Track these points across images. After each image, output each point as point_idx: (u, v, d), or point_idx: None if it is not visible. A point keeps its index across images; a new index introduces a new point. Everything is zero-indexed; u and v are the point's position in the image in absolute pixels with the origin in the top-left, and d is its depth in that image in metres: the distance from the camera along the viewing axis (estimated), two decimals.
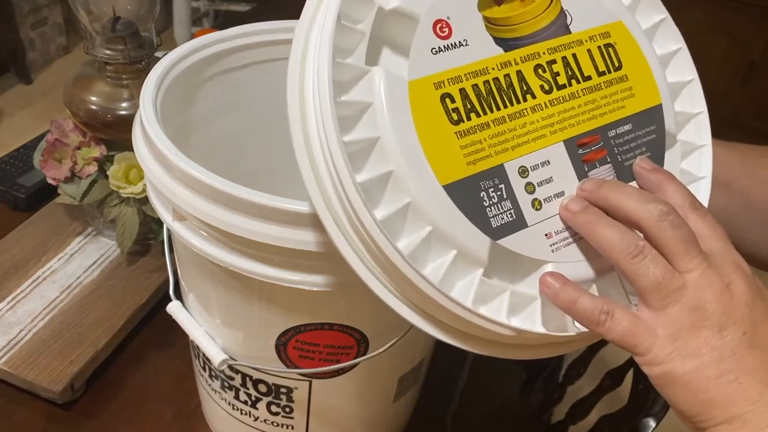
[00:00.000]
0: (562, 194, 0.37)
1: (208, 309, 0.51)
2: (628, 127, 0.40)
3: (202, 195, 0.41)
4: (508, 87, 0.37)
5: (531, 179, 0.36)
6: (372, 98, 0.34)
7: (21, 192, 0.82)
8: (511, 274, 0.36)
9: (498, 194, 0.35)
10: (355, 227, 0.33)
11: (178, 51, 0.53)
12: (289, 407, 0.54)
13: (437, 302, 0.33)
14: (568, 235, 0.37)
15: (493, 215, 0.35)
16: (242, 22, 0.58)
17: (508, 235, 0.35)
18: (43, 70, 2.43)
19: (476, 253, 0.34)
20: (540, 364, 0.84)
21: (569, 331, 0.35)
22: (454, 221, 0.34)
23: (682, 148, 0.42)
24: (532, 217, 0.36)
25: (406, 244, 0.33)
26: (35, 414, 0.64)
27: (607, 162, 0.39)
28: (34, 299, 0.70)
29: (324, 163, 0.33)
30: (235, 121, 0.61)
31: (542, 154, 0.37)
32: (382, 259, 0.33)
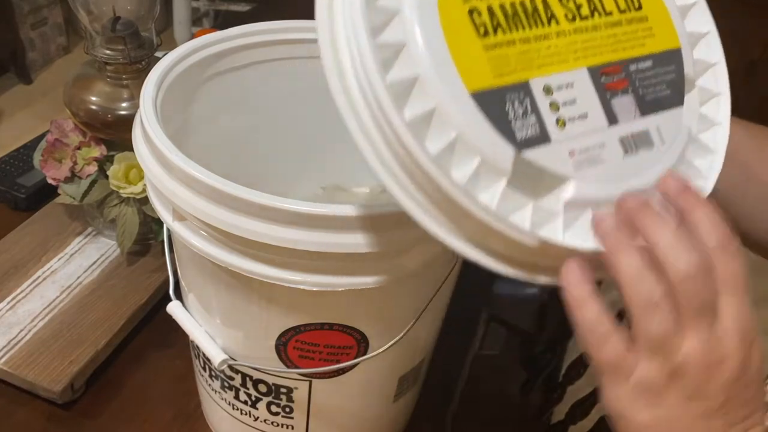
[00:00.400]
0: (586, 116, 0.37)
1: (208, 309, 0.51)
2: (648, 64, 0.41)
3: (202, 195, 0.41)
4: (533, 11, 0.37)
5: (555, 98, 0.37)
6: (401, 5, 0.34)
7: (21, 192, 0.82)
8: (533, 189, 0.35)
9: (523, 108, 0.35)
10: (382, 129, 0.33)
11: (178, 51, 0.53)
12: (289, 407, 0.54)
13: (462, 207, 0.33)
14: (592, 155, 0.37)
15: (518, 127, 0.35)
16: (242, 22, 0.58)
17: (532, 148, 0.35)
18: (43, 70, 2.43)
19: (500, 163, 0.34)
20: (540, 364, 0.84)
21: (588, 246, 0.35)
22: (480, 129, 0.34)
23: (700, 94, 0.43)
24: (556, 134, 0.36)
25: (433, 147, 0.33)
26: (35, 414, 0.64)
27: (628, 92, 0.39)
28: (34, 299, 0.70)
29: (350, 63, 0.33)
30: (235, 121, 0.61)
31: (566, 76, 0.37)
32: (408, 162, 0.33)
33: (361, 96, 0.33)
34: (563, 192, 0.36)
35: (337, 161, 0.67)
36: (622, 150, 0.38)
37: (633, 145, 0.39)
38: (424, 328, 0.54)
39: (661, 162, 0.39)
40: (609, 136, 0.38)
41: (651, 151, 0.39)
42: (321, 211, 0.40)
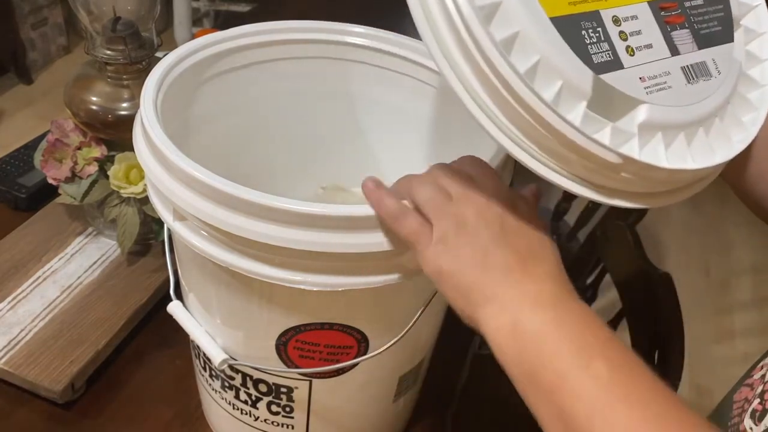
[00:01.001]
0: (651, 46, 0.40)
1: (209, 309, 0.51)
2: (701, 1, 0.44)
3: (202, 195, 0.41)
4: None
5: (623, 28, 0.39)
6: None
7: (21, 192, 0.82)
8: (610, 111, 0.37)
9: (597, 35, 0.38)
10: (467, 50, 0.35)
11: (179, 51, 0.53)
12: (289, 407, 0.54)
13: (549, 124, 0.35)
14: (660, 81, 0.39)
15: (595, 53, 0.37)
16: (242, 22, 0.58)
17: (609, 72, 0.37)
18: (44, 70, 2.43)
19: (581, 85, 0.36)
20: None
21: (661, 164, 0.37)
22: (561, 52, 0.36)
23: (745, 33, 0.46)
24: (627, 60, 0.38)
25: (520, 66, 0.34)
26: (36, 414, 0.64)
27: (685, 27, 0.42)
28: (34, 299, 0.70)
29: None
30: (235, 121, 0.61)
31: (631, 9, 0.40)
32: (493, 82, 0.35)
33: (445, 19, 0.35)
34: (637, 115, 0.38)
35: (337, 161, 0.67)
36: (685, 78, 0.41)
37: (694, 74, 0.41)
38: (424, 328, 0.54)
39: (719, 89, 0.42)
40: (673, 65, 0.41)
41: (710, 80, 0.42)
42: (321, 211, 0.40)
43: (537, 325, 0.37)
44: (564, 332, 0.37)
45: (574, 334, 0.37)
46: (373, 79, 0.61)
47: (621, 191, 0.39)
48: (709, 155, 0.40)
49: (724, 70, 0.43)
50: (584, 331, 0.37)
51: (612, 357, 0.36)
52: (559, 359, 0.36)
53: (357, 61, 0.61)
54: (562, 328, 0.37)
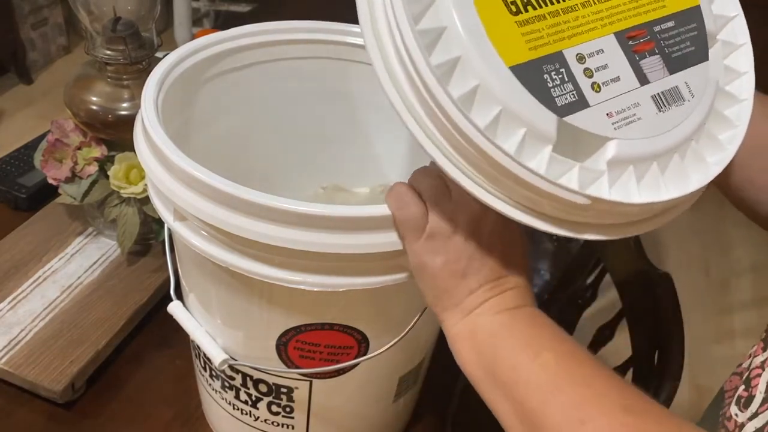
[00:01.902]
0: (618, 79, 0.39)
1: (209, 309, 0.51)
2: (671, 24, 0.43)
3: (202, 195, 0.41)
4: None
5: (588, 65, 0.39)
6: None
7: (22, 192, 0.82)
8: (577, 152, 0.37)
9: (560, 77, 0.37)
10: (429, 110, 0.35)
11: (179, 51, 0.53)
12: (289, 407, 0.54)
13: (514, 174, 0.35)
14: (629, 114, 0.39)
15: (558, 95, 0.37)
16: (242, 22, 0.58)
17: (573, 113, 0.37)
18: (44, 70, 2.43)
19: (545, 130, 0.36)
20: None
21: (633, 200, 0.38)
22: (522, 100, 0.36)
23: (723, 47, 0.45)
24: (593, 98, 0.38)
25: (480, 122, 0.35)
26: (36, 414, 0.64)
27: (655, 53, 0.42)
28: (34, 299, 0.70)
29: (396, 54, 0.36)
30: (235, 121, 0.61)
31: (596, 43, 0.40)
32: (457, 138, 0.35)
33: (407, 79, 0.35)
34: (605, 152, 0.38)
35: (337, 161, 0.67)
36: (656, 107, 0.40)
37: (665, 101, 0.41)
38: (424, 328, 0.54)
39: (693, 114, 0.41)
40: (642, 95, 0.40)
41: (683, 105, 0.41)
42: (321, 211, 0.40)
43: (493, 327, 0.40)
44: (516, 331, 0.40)
45: (525, 332, 0.40)
46: (372, 79, 0.61)
47: (593, 224, 0.39)
48: (684, 182, 0.40)
49: (698, 92, 0.42)
50: (533, 328, 0.41)
51: (558, 348, 0.39)
52: (512, 354, 0.39)
53: (357, 61, 0.61)
54: (514, 328, 0.40)
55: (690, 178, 0.40)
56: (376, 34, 0.37)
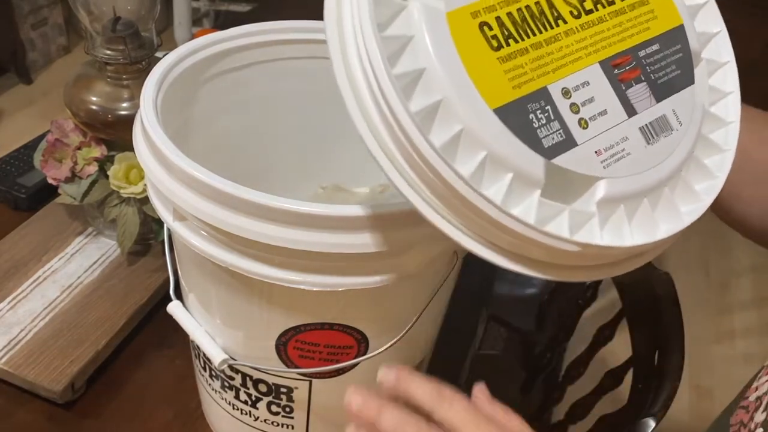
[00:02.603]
0: (605, 112, 0.38)
1: (209, 309, 0.51)
2: (656, 47, 0.41)
3: (202, 195, 0.41)
4: (540, 13, 0.38)
5: (574, 100, 0.37)
6: (412, 31, 0.34)
7: (21, 192, 0.82)
8: (566, 194, 0.36)
9: (546, 115, 0.36)
10: (410, 159, 0.33)
11: (179, 51, 0.53)
12: (289, 407, 0.54)
13: (501, 224, 0.34)
14: (618, 150, 0.38)
15: (544, 135, 0.35)
16: (242, 22, 0.58)
17: (561, 154, 0.36)
18: (44, 70, 2.42)
19: (532, 174, 0.34)
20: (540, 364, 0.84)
21: (626, 243, 0.36)
22: (508, 143, 0.34)
23: (707, 66, 0.44)
24: (580, 135, 0.37)
25: (465, 170, 0.33)
26: (35, 414, 0.64)
27: (641, 81, 0.40)
28: (34, 299, 0.70)
29: (372, 100, 0.34)
30: (235, 121, 0.61)
31: (581, 75, 0.38)
32: (440, 188, 0.33)
33: (385, 129, 0.34)
34: (595, 192, 0.36)
35: (337, 161, 0.67)
36: (644, 140, 0.39)
37: (653, 133, 0.39)
38: (424, 328, 0.54)
39: (681, 143, 0.40)
40: (630, 127, 0.39)
41: (671, 135, 0.40)
42: (321, 211, 0.40)
43: None
44: None
45: None
46: None
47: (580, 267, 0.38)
48: (675, 217, 0.39)
49: (685, 120, 0.41)
50: None
51: None
52: None
53: None
54: None
55: (680, 210, 0.39)
56: (351, 78, 0.34)
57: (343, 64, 0.34)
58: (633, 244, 0.36)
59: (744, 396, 0.49)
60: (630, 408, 0.68)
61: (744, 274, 1.93)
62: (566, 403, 0.80)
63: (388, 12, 0.34)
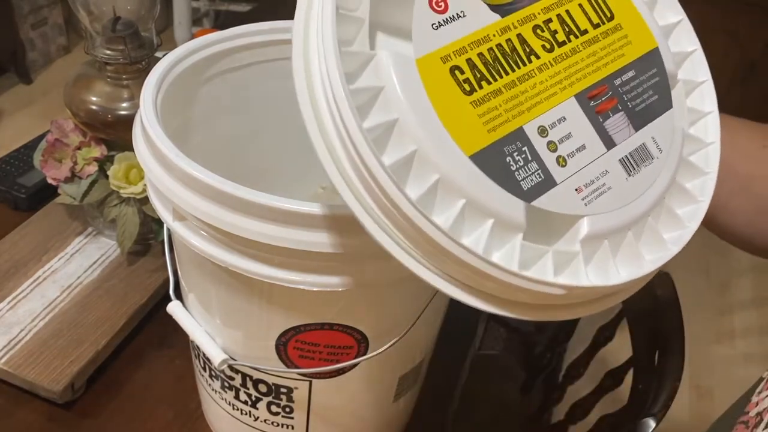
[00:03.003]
0: (584, 147, 0.37)
1: (208, 309, 0.51)
2: (631, 74, 0.41)
3: (202, 195, 0.41)
4: (511, 51, 0.37)
5: (551, 137, 0.36)
6: (382, 82, 0.33)
7: (21, 192, 0.82)
8: (548, 235, 0.35)
9: (523, 157, 0.35)
10: (387, 211, 0.33)
11: (179, 51, 0.53)
12: (289, 407, 0.54)
13: (483, 272, 0.33)
14: (597, 186, 0.37)
15: (523, 178, 0.35)
16: (242, 22, 0.58)
17: (541, 196, 0.35)
18: (44, 70, 2.43)
19: (513, 219, 0.34)
20: (540, 364, 0.84)
21: (612, 281, 0.36)
22: (487, 190, 0.34)
23: (684, 86, 0.43)
24: (559, 174, 0.36)
25: (443, 221, 0.33)
26: (35, 414, 0.64)
27: (619, 110, 0.39)
28: (34, 299, 0.70)
29: (345, 153, 0.33)
30: (235, 121, 0.61)
31: (557, 111, 0.37)
32: (419, 239, 0.33)
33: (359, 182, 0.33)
34: (579, 231, 0.36)
35: None
36: (625, 172, 0.38)
37: (634, 164, 0.39)
38: (424, 328, 0.54)
39: (663, 171, 0.39)
40: (609, 160, 0.38)
41: (651, 164, 0.39)
42: (321, 211, 0.40)
43: None
44: None
45: None
46: None
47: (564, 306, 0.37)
48: (660, 247, 0.38)
49: (665, 146, 0.40)
50: None
51: None
52: None
53: None
54: None
55: (664, 239, 0.39)
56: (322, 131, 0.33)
57: (314, 115, 0.34)
58: (618, 282, 0.36)
59: (744, 411, 0.49)
60: (630, 408, 0.68)
61: (744, 274, 1.94)
62: (566, 403, 0.80)
63: (355, 62, 0.33)
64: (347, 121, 0.32)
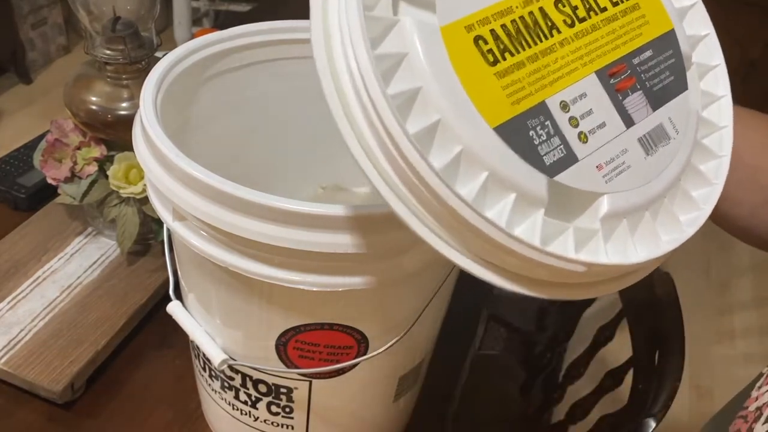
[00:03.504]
0: (604, 125, 0.37)
1: (208, 309, 0.51)
2: (649, 54, 0.41)
3: (202, 195, 0.41)
4: (534, 24, 0.37)
5: (573, 113, 0.36)
6: (406, 48, 0.33)
7: (21, 192, 0.82)
8: (569, 211, 0.35)
9: (546, 131, 0.35)
10: (408, 181, 0.32)
11: (179, 51, 0.53)
12: (289, 407, 0.54)
13: (505, 246, 0.33)
14: (618, 163, 0.37)
15: (545, 153, 0.34)
16: (242, 22, 0.58)
17: (563, 171, 0.35)
18: (43, 70, 2.43)
19: (536, 193, 0.34)
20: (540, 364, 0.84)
21: (630, 260, 0.36)
22: (510, 163, 0.33)
23: (698, 69, 0.43)
24: (581, 150, 0.36)
25: (467, 192, 0.32)
26: (35, 414, 0.64)
27: (637, 89, 0.39)
28: (34, 299, 0.70)
29: (366, 121, 0.32)
30: (235, 120, 0.61)
31: (578, 87, 0.37)
32: (441, 211, 0.32)
33: (381, 151, 0.32)
34: (599, 209, 0.36)
35: (337, 161, 0.67)
36: (643, 151, 0.38)
37: (652, 143, 0.39)
38: (424, 328, 0.54)
39: (679, 152, 0.40)
40: (629, 139, 0.38)
41: (668, 144, 0.39)
42: (321, 211, 0.40)
43: None
44: None
45: None
46: None
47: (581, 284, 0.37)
48: (676, 227, 0.38)
49: (681, 127, 0.40)
50: None
51: None
52: None
53: None
54: None
55: (680, 221, 0.39)
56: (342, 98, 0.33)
57: (333, 83, 0.33)
58: (637, 261, 0.36)
59: (743, 405, 0.49)
60: (630, 408, 0.68)
61: (744, 274, 1.94)
62: (566, 403, 0.80)
63: (379, 27, 0.33)
64: (370, 87, 0.31)
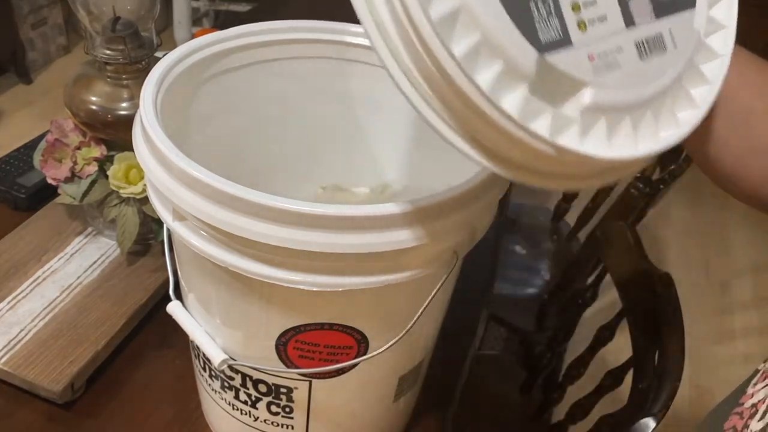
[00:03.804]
0: (605, 18, 0.37)
1: (208, 309, 0.51)
2: None
3: (202, 195, 0.41)
4: None
5: None
6: None
7: (21, 192, 0.82)
8: (552, 95, 0.35)
9: (547, 9, 0.35)
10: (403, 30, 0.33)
11: (179, 51, 0.53)
12: (289, 407, 0.54)
13: (483, 113, 0.33)
14: (609, 60, 0.37)
15: (542, 29, 0.34)
16: (242, 22, 0.58)
17: (554, 52, 0.35)
18: (43, 70, 2.43)
19: (523, 66, 0.34)
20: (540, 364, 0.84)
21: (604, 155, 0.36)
22: (505, 29, 0.33)
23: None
24: (577, 37, 0.36)
25: (459, 50, 0.33)
26: (35, 414, 0.64)
27: None
28: (34, 299, 0.70)
29: None
30: (235, 120, 0.61)
31: None
32: (429, 67, 0.33)
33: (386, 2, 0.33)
34: (581, 98, 0.36)
35: (337, 161, 0.67)
36: (638, 55, 0.38)
37: (648, 50, 0.39)
38: (424, 328, 0.54)
39: (672, 67, 0.39)
40: (626, 39, 0.38)
41: (664, 55, 0.39)
42: (321, 211, 0.40)
43: None
44: None
45: None
46: (373, 78, 0.61)
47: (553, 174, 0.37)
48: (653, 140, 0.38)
49: (681, 44, 0.40)
50: None
51: None
52: None
53: (357, 61, 0.61)
54: None
55: (659, 135, 0.39)
56: None
57: None
58: (610, 157, 0.36)
59: (738, 402, 0.49)
60: (630, 408, 0.68)
61: (744, 274, 1.94)
62: (566, 403, 0.80)
63: None
64: None
